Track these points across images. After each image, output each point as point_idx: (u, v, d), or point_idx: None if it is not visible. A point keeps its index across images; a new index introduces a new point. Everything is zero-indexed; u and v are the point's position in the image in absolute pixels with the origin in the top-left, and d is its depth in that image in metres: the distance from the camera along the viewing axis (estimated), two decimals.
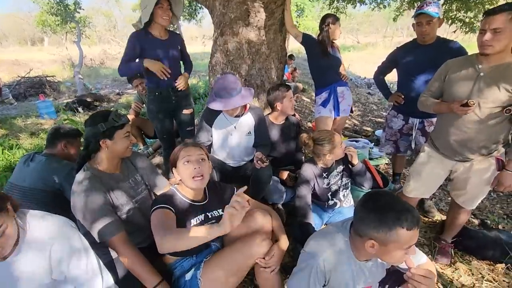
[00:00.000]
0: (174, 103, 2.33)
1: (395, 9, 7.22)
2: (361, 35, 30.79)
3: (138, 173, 1.53)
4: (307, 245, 1.19)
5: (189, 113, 2.43)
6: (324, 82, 2.56)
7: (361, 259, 1.12)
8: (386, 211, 0.96)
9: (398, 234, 0.93)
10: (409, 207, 0.97)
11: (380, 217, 0.96)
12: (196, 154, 1.30)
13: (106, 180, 1.36)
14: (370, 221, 0.98)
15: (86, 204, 1.25)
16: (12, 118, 5.17)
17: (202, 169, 1.29)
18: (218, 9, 2.57)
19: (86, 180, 1.29)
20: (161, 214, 1.21)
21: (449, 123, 1.63)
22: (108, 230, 1.25)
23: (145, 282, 1.25)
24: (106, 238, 1.25)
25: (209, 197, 1.42)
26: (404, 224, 0.93)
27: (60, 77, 10.32)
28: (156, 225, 1.17)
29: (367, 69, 9.64)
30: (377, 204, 1.00)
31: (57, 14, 10.78)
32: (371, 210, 1.00)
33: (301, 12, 13.52)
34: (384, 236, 0.95)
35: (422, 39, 2.07)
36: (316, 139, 1.81)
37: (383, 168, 3.19)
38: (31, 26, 21.02)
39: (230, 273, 1.25)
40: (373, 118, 5.32)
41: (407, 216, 0.93)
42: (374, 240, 0.98)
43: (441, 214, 2.36)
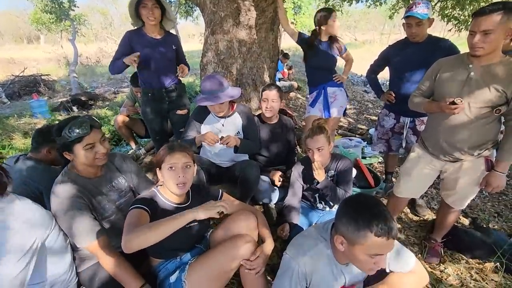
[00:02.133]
0: (167, 103, 2.31)
1: (391, 7, 7.20)
2: (358, 32, 30.72)
3: (121, 176, 1.50)
4: (288, 248, 1.19)
5: (183, 113, 2.40)
6: (315, 82, 2.55)
7: (342, 262, 1.12)
8: (361, 211, 0.96)
9: (366, 237, 0.93)
10: (386, 215, 0.94)
11: (352, 215, 0.97)
12: (181, 162, 1.27)
13: (85, 185, 1.33)
14: (344, 217, 0.99)
15: (63, 210, 1.23)
16: (5, 118, 5.11)
17: (186, 176, 1.28)
18: (208, 7, 2.55)
19: (64, 185, 1.27)
20: (133, 214, 1.19)
21: (439, 123, 1.62)
22: (86, 235, 1.24)
23: (127, 286, 1.25)
24: (84, 244, 1.25)
25: (192, 199, 1.41)
26: (374, 229, 0.91)
27: (56, 75, 10.23)
28: (126, 223, 1.15)
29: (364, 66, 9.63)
30: (356, 204, 1.00)
31: (51, 12, 10.69)
32: (349, 207, 1.01)
33: (298, 9, 13.46)
34: (351, 235, 0.95)
35: (412, 39, 2.06)
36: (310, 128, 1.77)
37: (376, 167, 3.18)
38: (26, 24, 20.82)
39: (215, 275, 1.24)
40: (368, 116, 5.32)
41: (379, 222, 0.92)
42: (343, 237, 0.99)
43: (433, 213, 2.36)
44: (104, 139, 1.36)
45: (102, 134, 1.36)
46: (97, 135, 1.32)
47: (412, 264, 1.19)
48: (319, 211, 1.99)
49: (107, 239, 1.30)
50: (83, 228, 1.23)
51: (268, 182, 2.19)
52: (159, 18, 2.09)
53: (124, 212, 1.45)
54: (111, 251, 1.28)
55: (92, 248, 1.25)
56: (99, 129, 1.34)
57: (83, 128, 1.25)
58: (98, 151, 1.31)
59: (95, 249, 1.25)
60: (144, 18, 2.05)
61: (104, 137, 1.36)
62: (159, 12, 2.06)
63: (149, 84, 2.23)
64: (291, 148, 2.43)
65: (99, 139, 1.32)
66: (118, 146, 3.80)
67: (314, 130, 1.70)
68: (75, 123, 1.25)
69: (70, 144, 1.26)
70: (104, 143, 1.35)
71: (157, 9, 2.04)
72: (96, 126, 1.32)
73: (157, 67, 2.18)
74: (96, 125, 1.32)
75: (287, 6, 12.04)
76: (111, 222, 1.40)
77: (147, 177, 1.62)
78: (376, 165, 3.21)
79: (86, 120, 1.29)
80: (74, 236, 1.24)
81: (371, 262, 0.96)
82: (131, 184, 1.54)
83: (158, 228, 1.08)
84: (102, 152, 1.32)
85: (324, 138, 1.70)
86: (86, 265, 1.37)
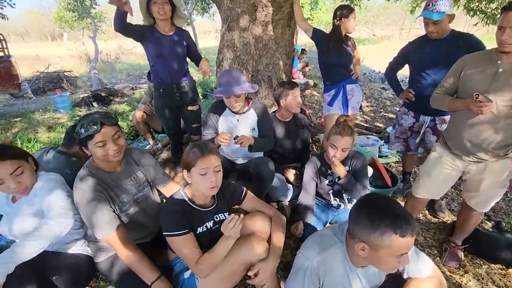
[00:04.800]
0: (178, 99, 2.34)
1: (412, 1, 6.94)
2: (377, 27, 29.78)
3: (140, 171, 1.53)
4: (302, 247, 1.18)
5: (194, 109, 2.43)
6: (333, 80, 2.51)
7: (357, 265, 1.10)
8: (381, 215, 0.93)
9: (391, 241, 0.90)
10: (405, 213, 0.93)
11: (372, 221, 0.93)
12: (213, 166, 1.24)
13: (105, 178, 1.37)
14: (362, 223, 0.95)
15: (84, 202, 1.28)
16: (31, 112, 5.36)
17: (218, 180, 1.27)
18: (225, 4, 2.55)
19: (85, 178, 1.31)
20: (185, 243, 1.23)
21: (462, 121, 1.56)
22: (104, 228, 1.28)
23: (143, 277, 1.29)
24: (102, 236, 1.29)
25: (217, 201, 1.42)
26: (398, 231, 0.89)
27: (77, 72, 10.59)
28: (185, 255, 1.23)
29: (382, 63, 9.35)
30: (372, 207, 0.97)
31: (74, 10, 11.07)
32: (365, 212, 0.97)
33: (315, 4, 13.23)
34: (375, 240, 0.92)
35: (430, 36, 1.98)
36: (338, 123, 1.73)
37: (394, 166, 3.10)
38: (51, 22, 21.63)
39: (225, 275, 1.26)
40: (386, 114, 5.18)
41: (402, 223, 0.89)
42: (365, 243, 0.95)
43: (453, 215, 2.28)
44: (118, 136, 1.34)
45: (116, 131, 1.33)
46: (109, 132, 1.29)
47: (430, 268, 1.16)
48: (333, 209, 1.97)
49: (125, 232, 1.34)
50: (102, 220, 1.28)
51: (283, 179, 2.19)
52: (169, 14, 2.12)
53: (143, 206, 1.49)
54: (129, 243, 1.32)
55: (110, 240, 1.30)
56: (112, 126, 1.31)
57: (92, 126, 1.25)
58: (109, 148, 1.30)
59: (113, 242, 1.29)
60: (155, 14, 2.08)
61: (118, 134, 1.34)
62: (169, 7, 2.09)
63: (160, 80, 2.27)
64: (306, 146, 2.41)
65: (111, 136, 1.30)
66: (135, 141, 3.90)
67: (345, 129, 1.65)
68: (86, 120, 1.27)
69: (83, 140, 1.28)
70: (118, 140, 1.34)
71: (167, 5, 2.07)
72: (108, 123, 1.29)
73: (168, 63, 2.21)
74: (108, 122, 1.29)
75: (304, 2, 11.86)
76: (129, 215, 1.44)
77: (164, 171, 1.65)
78: (393, 165, 3.13)
79: (96, 117, 1.27)
80: (93, 228, 1.29)
81: (396, 262, 0.95)
82: (149, 178, 1.57)
83: (217, 257, 1.23)
84: (113, 149, 1.30)
85: (352, 139, 1.68)
86: (104, 256, 1.43)
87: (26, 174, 1.30)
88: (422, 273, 1.15)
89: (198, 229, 1.32)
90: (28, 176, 1.32)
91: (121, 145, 1.35)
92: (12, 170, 1.25)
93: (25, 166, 1.31)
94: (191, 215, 1.30)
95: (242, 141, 1.82)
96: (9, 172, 1.24)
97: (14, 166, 1.26)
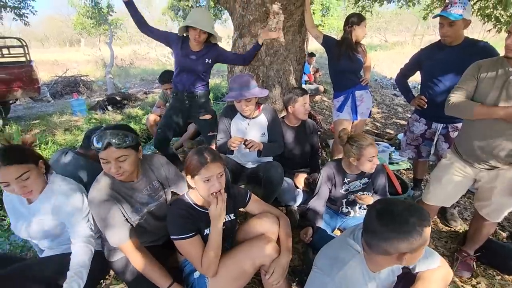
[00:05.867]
0: (187, 106, 2.45)
1: (425, 7, 6.88)
2: (389, 33, 29.52)
3: (156, 178, 1.54)
4: (318, 261, 1.17)
5: (206, 118, 2.48)
6: (342, 86, 2.52)
7: (375, 270, 1.10)
8: (408, 220, 0.94)
9: (426, 234, 0.95)
10: (414, 204, 1.02)
11: (407, 229, 0.94)
12: (216, 173, 1.27)
13: (119, 188, 1.39)
14: (398, 237, 0.94)
15: (99, 211, 1.32)
16: (48, 115, 5.56)
17: (221, 184, 1.30)
18: (238, 11, 2.62)
19: (100, 187, 1.34)
20: (192, 245, 1.27)
21: (473, 128, 1.54)
22: (118, 237, 1.32)
23: (157, 284, 1.33)
24: (116, 244, 1.34)
25: None
26: (427, 223, 0.95)
27: (93, 76, 10.92)
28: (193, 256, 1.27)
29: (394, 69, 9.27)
30: (396, 218, 0.96)
31: (92, 17, 11.48)
32: (393, 226, 0.95)
33: (326, 11, 13.29)
34: (416, 243, 0.94)
35: (443, 40, 1.97)
36: (350, 137, 1.75)
37: (404, 173, 3.07)
38: (69, 29, 22.44)
39: (235, 275, 1.28)
40: (397, 121, 5.12)
41: (423, 214, 0.96)
42: (407, 252, 0.96)
43: (465, 224, 2.23)
44: (124, 159, 1.29)
45: (122, 154, 1.28)
46: (113, 154, 1.26)
47: (438, 260, 1.21)
48: (342, 215, 1.97)
49: (137, 241, 1.37)
50: (116, 229, 1.32)
51: (292, 184, 2.20)
52: (204, 40, 2.24)
53: (156, 213, 1.52)
54: (142, 251, 1.35)
55: (124, 249, 1.34)
56: (119, 149, 1.27)
57: (98, 142, 1.25)
58: (110, 168, 1.28)
59: (126, 250, 1.34)
60: (191, 37, 2.22)
61: (124, 157, 1.29)
62: (205, 36, 2.20)
63: (175, 86, 2.44)
64: (315, 151, 2.42)
65: (114, 158, 1.26)
66: (148, 144, 3.99)
67: (368, 138, 1.69)
68: (99, 134, 1.27)
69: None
70: (122, 163, 1.29)
71: (204, 34, 2.18)
72: (114, 145, 1.25)
73: (184, 75, 2.35)
74: (114, 144, 1.25)
75: (315, 8, 11.93)
76: (141, 222, 1.47)
77: (177, 171, 1.67)
78: (404, 172, 3.09)
79: (106, 134, 1.25)
80: (107, 236, 1.33)
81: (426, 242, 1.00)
82: (164, 183, 1.58)
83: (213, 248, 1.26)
84: (113, 171, 1.28)
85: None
86: (118, 256, 1.46)
87: (32, 179, 1.28)
88: (431, 266, 1.19)
89: (205, 231, 1.35)
90: (35, 181, 1.29)
91: (124, 170, 1.30)
92: (17, 174, 1.23)
93: (32, 171, 1.28)
94: (196, 218, 1.32)
95: (251, 145, 1.85)
96: (14, 177, 1.22)
97: (20, 171, 1.23)
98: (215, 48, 2.35)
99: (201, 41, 2.22)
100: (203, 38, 2.20)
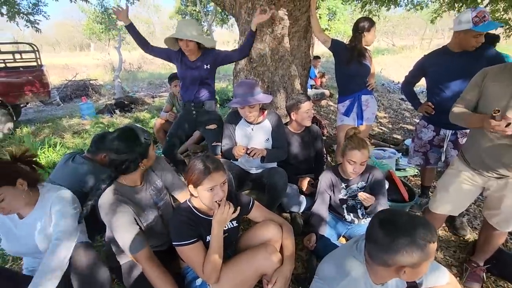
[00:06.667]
0: (194, 116, 2.49)
1: (433, 11, 6.82)
2: (397, 37, 29.32)
3: (159, 179, 1.56)
4: (320, 271, 1.15)
5: (212, 128, 2.49)
6: (349, 90, 2.50)
7: (378, 282, 1.07)
8: (410, 232, 0.91)
9: (429, 251, 0.91)
10: (420, 217, 0.97)
11: (406, 241, 0.91)
12: (219, 182, 1.27)
13: (130, 194, 1.41)
14: (397, 248, 0.91)
15: (111, 221, 1.31)
16: (58, 118, 5.68)
17: (224, 192, 1.30)
18: (243, 17, 2.63)
19: (110, 196, 1.34)
20: (195, 251, 1.26)
21: (481, 135, 1.51)
22: (132, 245, 1.30)
23: None
24: (130, 254, 1.32)
25: None
26: (431, 238, 0.90)
27: (102, 80, 11.13)
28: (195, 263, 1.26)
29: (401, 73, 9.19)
30: (398, 229, 0.93)
31: (101, 23, 11.74)
32: (393, 237, 0.92)
33: (332, 15, 13.28)
34: (416, 257, 0.91)
35: (471, 48, 1.90)
36: (347, 138, 1.74)
37: (411, 180, 3.02)
38: (80, 33, 22.94)
39: (238, 283, 1.27)
40: (405, 126, 5.06)
41: (428, 228, 0.91)
42: (407, 265, 0.92)
43: (474, 233, 2.18)
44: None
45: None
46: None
47: (447, 276, 1.17)
48: (346, 223, 1.94)
49: (150, 250, 1.35)
50: (129, 239, 1.30)
51: (296, 190, 2.19)
52: (194, 49, 2.28)
53: (163, 215, 1.53)
54: (155, 262, 1.33)
55: (138, 259, 1.32)
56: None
57: (147, 132, 1.41)
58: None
59: (139, 260, 1.32)
60: (182, 48, 2.28)
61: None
62: (193, 44, 2.24)
63: (182, 96, 2.56)
64: (320, 157, 2.41)
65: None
66: (157, 147, 4.02)
67: (359, 143, 1.66)
68: (143, 132, 1.40)
69: (148, 148, 1.40)
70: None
71: (191, 43, 2.22)
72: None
73: (187, 85, 2.43)
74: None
75: (322, 12, 11.93)
76: (149, 225, 1.47)
77: (179, 177, 1.69)
78: (411, 178, 3.04)
79: (142, 128, 1.41)
80: (121, 245, 1.33)
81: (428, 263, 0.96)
82: (166, 183, 1.60)
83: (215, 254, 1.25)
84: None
85: (368, 151, 1.68)
86: (127, 258, 1.47)
87: (8, 200, 1.23)
88: (439, 282, 1.15)
89: (207, 237, 1.34)
90: (13, 201, 1.25)
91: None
92: None
93: (7, 192, 1.23)
94: (198, 224, 1.32)
95: (254, 152, 1.85)
96: None
97: None
98: (211, 52, 2.39)
99: (192, 50, 2.26)
100: (192, 47, 2.24)
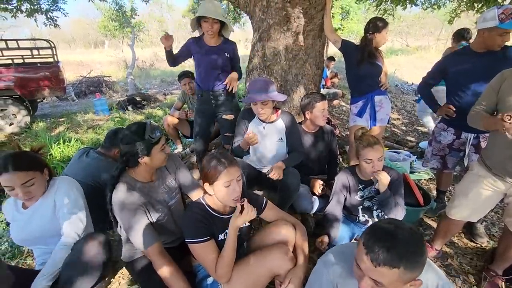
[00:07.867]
0: (213, 106, 2.45)
1: (451, 11, 6.61)
2: (411, 38, 28.63)
3: (171, 177, 1.56)
4: (324, 254, 1.17)
5: (228, 118, 2.48)
6: (361, 91, 2.45)
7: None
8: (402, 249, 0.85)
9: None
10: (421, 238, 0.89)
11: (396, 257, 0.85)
12: (235, 177, 1.26)
13: (142, 189, 1.41)
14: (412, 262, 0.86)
15: (124, 216, 1.32)
16: (72, 114, 5.80)
17: (240, 189, 1.29)
18: (257, 15, 2.61)
19: (123, 193, 1.34)
20: (207, 250, 1.24)
21: (503, 139, 1.45)
22: (144, 241, 1.32)
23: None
24: (142, 249, 1.33)
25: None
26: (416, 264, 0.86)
27: (115, 77, 11.30)
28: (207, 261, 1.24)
29: (416, 74, 8.98)
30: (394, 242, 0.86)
31: (116, 20, 11.93)
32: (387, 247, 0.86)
33: (346, 14, 13.07)
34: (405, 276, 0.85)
35: (497, 47, 1.82)
36: (356, 139, 1.72)
37: (426, 184, 2.94)
38: (95, 31, 23.38)
39: (250, 283, 1.25)
40: (419, 128, 4.94)
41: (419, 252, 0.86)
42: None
43: (493, 240, 2.10)
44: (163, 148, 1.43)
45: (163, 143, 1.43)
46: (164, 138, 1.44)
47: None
48: (360, 224, 1.90)
49: (161, 246, 1.36)
50: (141, 234, 1.32)
51: (308, 191, 2.16)
52: (217, 31, 2.27)
53: (174, 213, 1.53)
54: (166, 258, 1.33)
55: (149, 254, 1.33)
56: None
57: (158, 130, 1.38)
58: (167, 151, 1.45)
59: (151, 255, 1.32)
60: (204, 30, 2.26)
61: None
62: (218, 26, 2.24)
63: (199, 86, 2.47)
64: (333, 157, 2.37)
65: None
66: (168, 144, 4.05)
67: (370, 140, 1.63)
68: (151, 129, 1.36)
69: (150, 146, 1.34)
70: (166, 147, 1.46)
71: (216, 24, 2.22)
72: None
73: (206, 71, 2.36)
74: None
75: (335, 12, 11.76)
76: (160, 222, 1.47)
77: (193, 177, 1.68)
78: (425, 182, 2.96)
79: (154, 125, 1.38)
80: (133, 240, 1.34)
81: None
82: (179, 182, 1.60)
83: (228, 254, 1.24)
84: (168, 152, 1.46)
85: (382, 147, 1.64)
86: (139, 254, 1.48)
87: (36, 185, 1.33)
88: None
89: (220, 236, 1.34)
90: (38, 187, 1.35)
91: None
92: (23, 181, 1.28)
93: (37, 178, 1.33)
94: (211, 223, 1.31)
95: (275, 173, 1.80)
96: (20, 182, 1.27)
97: (27, 178, 1.29)
98: (233, 44, 2.41)
99: (215, 32, 2.24)
100: (216, 29, 2.23)
